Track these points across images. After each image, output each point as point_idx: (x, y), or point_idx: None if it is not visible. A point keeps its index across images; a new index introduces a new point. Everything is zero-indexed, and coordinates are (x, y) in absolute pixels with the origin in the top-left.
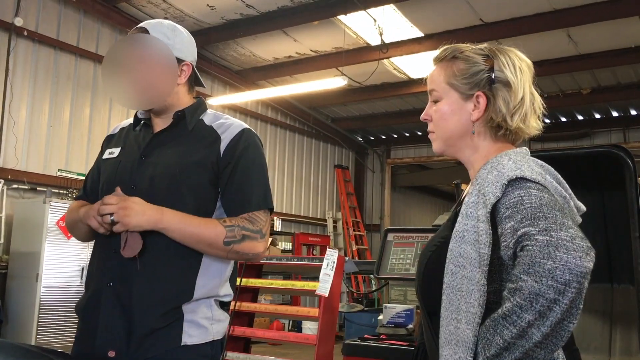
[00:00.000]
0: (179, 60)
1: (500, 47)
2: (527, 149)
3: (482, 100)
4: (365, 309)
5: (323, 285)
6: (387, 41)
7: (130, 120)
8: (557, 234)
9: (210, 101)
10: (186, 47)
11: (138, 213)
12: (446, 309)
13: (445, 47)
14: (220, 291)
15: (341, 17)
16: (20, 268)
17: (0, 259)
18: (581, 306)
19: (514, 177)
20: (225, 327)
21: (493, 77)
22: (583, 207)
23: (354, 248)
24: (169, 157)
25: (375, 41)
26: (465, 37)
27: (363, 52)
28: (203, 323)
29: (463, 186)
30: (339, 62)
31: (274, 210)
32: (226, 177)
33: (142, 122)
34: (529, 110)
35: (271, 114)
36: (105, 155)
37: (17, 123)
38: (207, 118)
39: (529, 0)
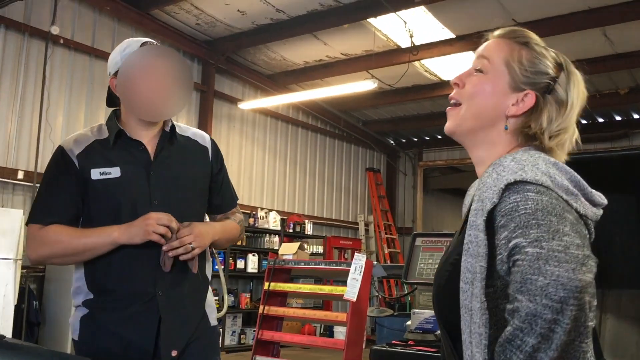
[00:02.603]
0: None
1: (571, 62)
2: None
3: (529, 101)
4: (396, 313)
5: (351, 290)
6: (417, 43)
7: (87, 134)
8: (548, 244)
9: (241, 105)
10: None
11: (205, 235)
12: (464, 332)
13: (515, 28)
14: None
15: (371, 20)
16: (57, 271)
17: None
18: (590, 323)
19: (512, 180)
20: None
21: (554, 87)
22: (603, 200)
23: (386, 251)
24: (176, 170)
25: (405, 43)
26: None
27: (393, 55)
28: (213, 305)
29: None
30: (369, 64)
31: (306, 213)
32: (219, 182)
33: (120, 138)
34: (567, 139)
35: (302, 118)
36: (96, 176)
37: (53, 129)
38: (178, 128)
39: None
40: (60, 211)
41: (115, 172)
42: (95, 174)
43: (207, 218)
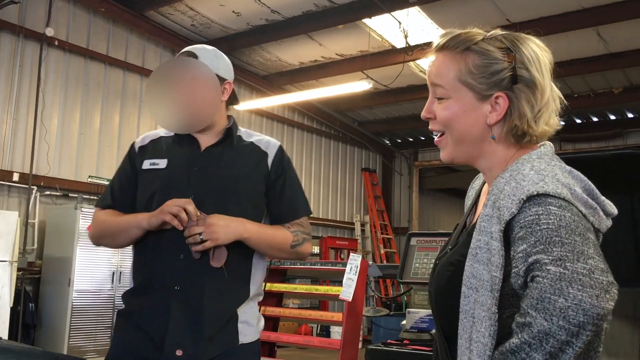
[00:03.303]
0: (222, 80)
1: (518, 34)
2: (552, 148)
3: (503, 102)
4: (391, 313)
5: (346, 290)
6: (412, 43)
7: (159, 132)
8: (572, 265)
9: (236, 106)
10: (228, 68)
11: (223, 227)
12: (461, 336)
13: (452, 33)
14: (261, 291)
15: (366, 21)
16: (53, 273)
17: (34, 264)
18: (600, 349)
19: (535, 192)
20: (263, 324)
21: (516, 75)
22: (614, 210)
23: (382, 251)
24: (223, 169)
25: (400, 44)
26: None
27: (388, 55)
28: (253, 322)
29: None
30: (364, 65)
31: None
32: (278, 189)
33: (183, 135)
34: (553, 110)
35: (298, 118)
36: (146, 166)
37: (49, 131)
38: (243, 134)
39: None
40: (115, 197)
41: (162, 163)
42: (146, 164)
43: None
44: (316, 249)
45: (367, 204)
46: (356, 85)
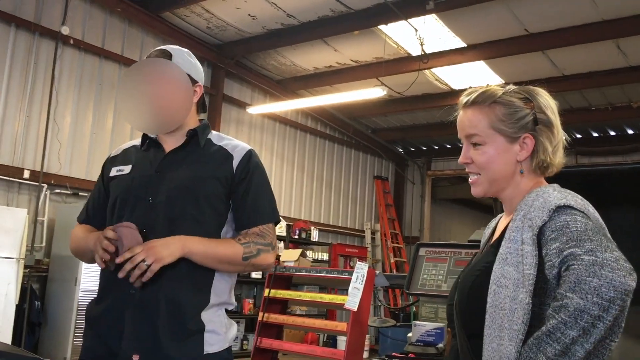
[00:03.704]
0: (194, 81)
1: (529, 87)
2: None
3: (530, 142)
4: (398, 324)
5: (352, 299)
6: (428, 51)
7: (133, 142)
8: (602, 254)
9: (250, 110)
10: (199, 70)
11: (164, 247)
12: (489, 327)
13: (477, 91)
14: (229, 299)
15: (382, 27)
16: (60, 271)
17: (41, 262)
18: (623, 324)
19: (562, 204)
20: (235, 332)
21: (537, 118)
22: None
23: (392, 260)
24: (185, 172)
25: (416, 51)
26: (509, 47)
27: (403, 62)
28: (220, 331)
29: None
30: (379, 72)
31: (312, 220)
32: (241, 192)
33: (148, 140)
34: (562, 145)
35: (311, 124)
36: (113, 173)
37: (61, 129)
38: (214, 138)
39: (576, 10)
40: (89, 212)
41: (127, 169)
42: (114, 171)
43: (229, 231)
44: (325, 256)
45: (378, 212)
46: (370, 92)
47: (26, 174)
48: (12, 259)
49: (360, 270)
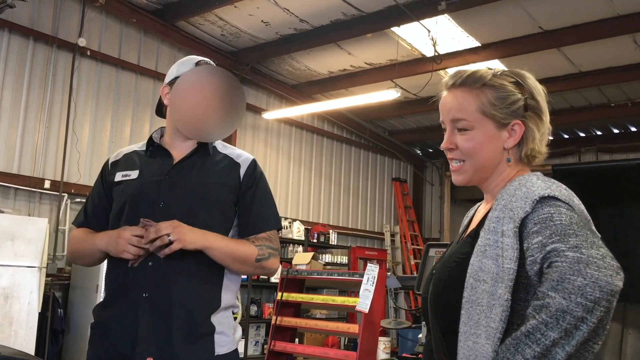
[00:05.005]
0: None
1: (517, 71)
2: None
3: (519, 129)
4: (413, 325)
5: (363, 301)
6: (442, 52)
7: (133, 147)
8: (587, 251)
9: (266, 115)
10: None
11: (189, 231)
12: (465, 323)
13: (465, 72)
14: (235, 303)
15: (395, 29)
16: (81, 279)
17: (63, 270)
18: (608, 326)
19: (545, 195)
20: (240, 334)
21: (527, 104)
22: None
23: (412, 262)
24: (196, 178)
25: (429, 52)
26: (524, 45)
27: (417, 64)
28: (229, 332)
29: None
30: (393, 74)
31: (330, 223)
32: (248, 199)
33: (151, 147)
34: (547, 133)
35: (327, 128)
36: (118, 178)
37: (80, 139)
38: (218, 146)
39: (591, 6)
40: (88, 215)
41: (134, 174)
42: (119, 176)
43: (234, 236)
44: (344, 259)
45: (398, 214)
46: (384, 94)
47: (47, 184)
48: (34, 268)
49: (371, 272)
